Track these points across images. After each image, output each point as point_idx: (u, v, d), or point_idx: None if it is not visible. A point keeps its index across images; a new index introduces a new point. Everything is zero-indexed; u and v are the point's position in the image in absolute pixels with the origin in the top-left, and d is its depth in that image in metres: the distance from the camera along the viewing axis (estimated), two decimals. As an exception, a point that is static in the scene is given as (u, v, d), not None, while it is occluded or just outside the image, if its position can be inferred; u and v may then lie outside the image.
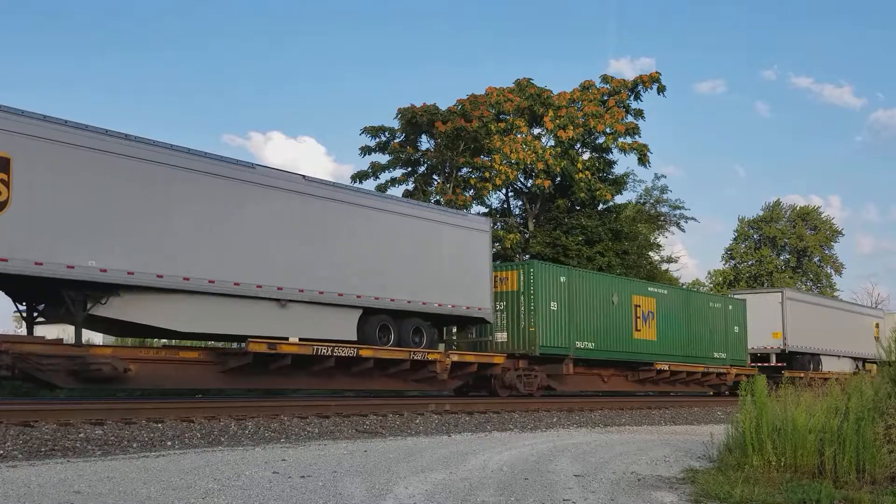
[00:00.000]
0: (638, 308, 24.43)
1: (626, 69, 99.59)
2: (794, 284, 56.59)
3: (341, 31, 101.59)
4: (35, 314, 14.80)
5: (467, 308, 19.67)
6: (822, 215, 63.63)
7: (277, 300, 15.82)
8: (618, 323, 23.56)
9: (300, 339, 16.27)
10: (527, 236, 36.84)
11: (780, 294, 32.96)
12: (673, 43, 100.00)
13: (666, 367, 25.14)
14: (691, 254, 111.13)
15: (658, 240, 48.94)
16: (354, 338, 17.23)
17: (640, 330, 24.34)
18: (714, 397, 28.09)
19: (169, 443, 10.21)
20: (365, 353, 17.01)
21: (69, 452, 9.08)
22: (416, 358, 18.09)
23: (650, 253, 43.45)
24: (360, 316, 17.44)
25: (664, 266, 48.81)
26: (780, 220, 62.55)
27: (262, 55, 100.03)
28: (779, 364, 31.66)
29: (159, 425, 11.26)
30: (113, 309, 13.95)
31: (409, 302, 18.33)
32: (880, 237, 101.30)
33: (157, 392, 17.49)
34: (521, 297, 20.99)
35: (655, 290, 26.10)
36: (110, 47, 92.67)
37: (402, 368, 18.08)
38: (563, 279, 21.93)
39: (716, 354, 28.02)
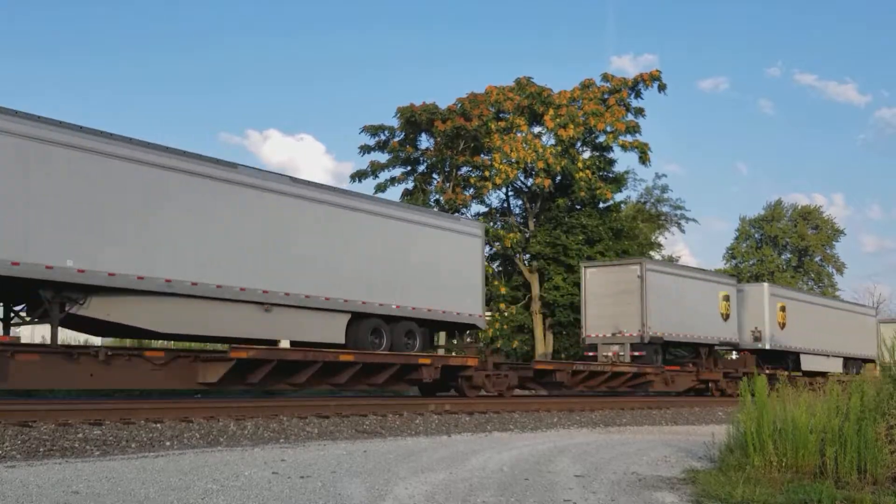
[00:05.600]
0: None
1: (628, 66, 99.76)
2: (795, 284, 56.55)
3: (341, 30, 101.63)
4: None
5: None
6: (824, 215, 63.69)
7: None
8: None
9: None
10: (527, 236, 36.84)
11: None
12: (676, 40, 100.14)
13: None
14: (693, 253, 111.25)
15: (659, 239, 48.98)
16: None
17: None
18: (715, 397, 28.04)
19: (168, 443, 10.18)
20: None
21: (67, 453, 9.06)
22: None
23: (651, 252, 43.43)
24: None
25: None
26: (781, 220, 62.56)
27: (261, 54, 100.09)
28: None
29: (158, 425, 11.23)
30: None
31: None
32: (884, 236, 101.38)
33: (157, 392, 17.46)
34: None
35: None
36: (107, 46, 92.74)
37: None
38: None
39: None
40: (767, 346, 30.03)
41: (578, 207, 36.74)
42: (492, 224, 36.81)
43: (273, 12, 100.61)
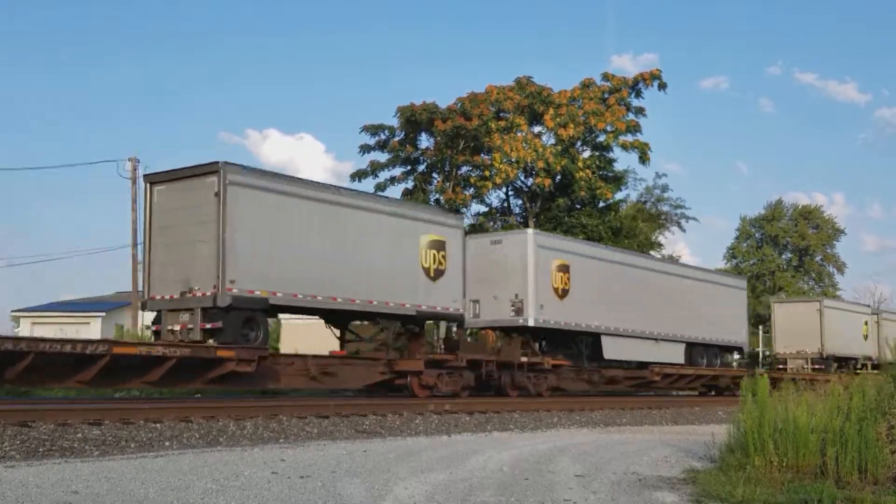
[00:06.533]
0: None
1: (628, 66, 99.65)
2: (795, 283, 56.53)
3: (341, 30, 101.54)
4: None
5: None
6: (824, 214, 63.70)
7: None
8: None
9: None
10: (527, 235, 36.83)
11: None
12: (676, 39, 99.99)
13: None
14: (694, 252, 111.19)
15: (659, 238, 48.97)
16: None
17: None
18: (715, 397, 27.98)
19: (167, 443, 10.17)
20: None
21: (67, 453, 9.04)
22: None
23: (651, 252, 43.43)
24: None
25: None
26: (781, 219, 62.55)
27: (261, 54, 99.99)
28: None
29: (157, 426, 11.21)
30: None
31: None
32: (885, 235, 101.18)
33: (155, 392, 17.44)
34: None
35: None
36: (107, 46, 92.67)
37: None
38: None
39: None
40: (531, 323, 21.30)
41: (578, 207, 36.74)
42: (492, 224, 36.81)
43: (273, 12, 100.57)
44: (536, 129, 36.42)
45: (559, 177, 36.00)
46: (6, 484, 6.74)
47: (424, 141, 35.21)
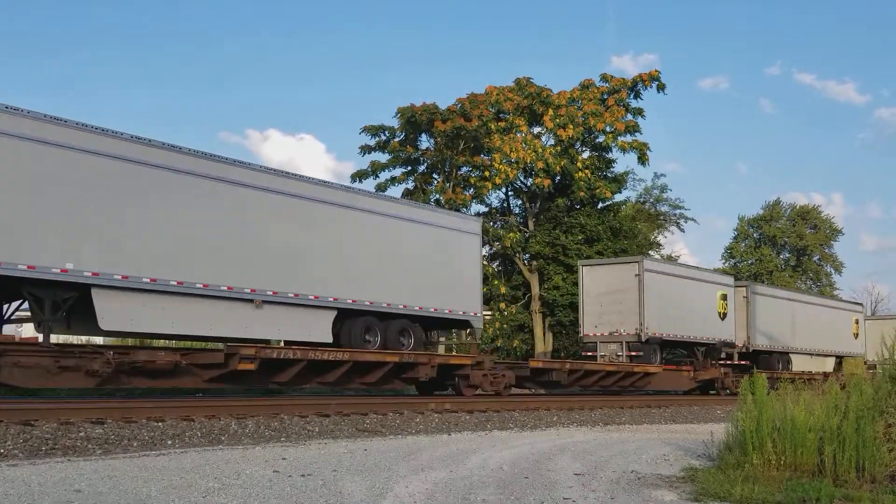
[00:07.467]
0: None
1: (628, 66, 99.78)
2: (794, 283, 56.55)
3: (341, 29, 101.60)
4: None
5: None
6: (822, 214, 63.72)
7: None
8: None
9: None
10: (527, 235, 36.87)
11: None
12: (676, 40, 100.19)
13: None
14: (693, 252, 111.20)
15: (658, 238, 49.03)
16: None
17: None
18: (715, 396, 28.06)
19: (169, 441, 10.21)
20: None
21: (70, 451, 9.08)
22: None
23: (650, 252, 43.48)
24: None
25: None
26: (779, 219, 62.58)
27: (261, 54, 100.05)
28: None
29: (160, 424, 11.25)
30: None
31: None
32: (884, 235, 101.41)
33: (158, 391, 17.48)
34: None
35: None
36: (108, 45, 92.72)
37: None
38: None
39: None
40: None
41: (578, 207, 36.79)
42: (492, 224, 36.86)
43: (273, 12, 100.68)
44: (536, 129, 36.50)
45: (558, 177, 36.06)
46: (9, 483, 6.78)
47: (425, 142, 35.30)
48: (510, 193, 38.64)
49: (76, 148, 13.41)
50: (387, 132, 34.65)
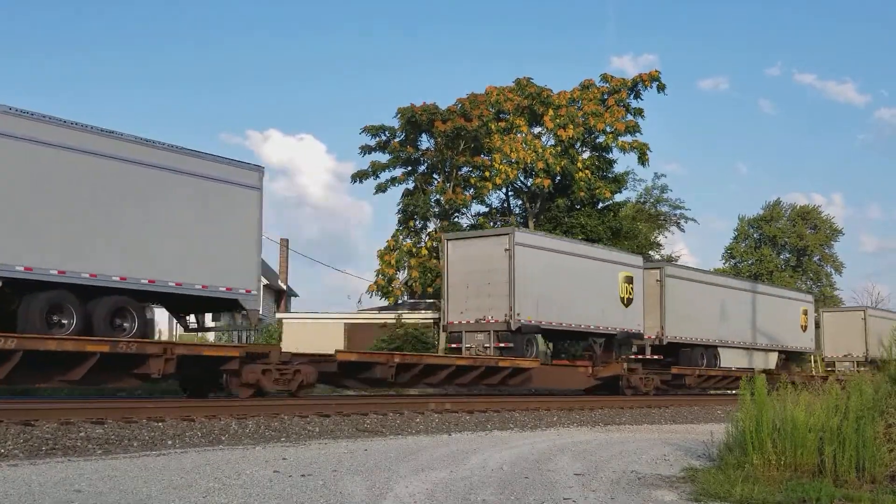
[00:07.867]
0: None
1: (628, 66, 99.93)
2: (794, 283, 56.53)
3: (341, 30, 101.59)
4: None
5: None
6: (822, 214, 63.75)
7: None
8: None
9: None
10: (527, 235, 36.87)
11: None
12: (676, 40, 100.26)
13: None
14: (693, 252, 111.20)
15: (658, 238, 49.04)
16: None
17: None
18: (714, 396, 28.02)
19: (169, 442, 10.22)
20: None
21: (70, 451, 9.08)
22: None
23: (650, 252, 43.49)
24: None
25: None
26: (780, 220, 62.60)
27: (261, 54, 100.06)
28: None
29: (160, 424, 11.27)
30: None
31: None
32: (884, 235, 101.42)
33: (158, 391, 17.48)
34: None
35: None
36: (108, 45, 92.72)
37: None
38: None
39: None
40: None
41: (578, 207, 36.79)
42: (492, 224, 36.86)
43: (273, 12, 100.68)
44: (536, 129, 36.50)
45: (559, 177, 36.06)
46: (9, 483, 6.78)
47: (425, 142, 35.29)
48: (510, 194, 38.64)
49: None
50: (387, 132, 34.63)
